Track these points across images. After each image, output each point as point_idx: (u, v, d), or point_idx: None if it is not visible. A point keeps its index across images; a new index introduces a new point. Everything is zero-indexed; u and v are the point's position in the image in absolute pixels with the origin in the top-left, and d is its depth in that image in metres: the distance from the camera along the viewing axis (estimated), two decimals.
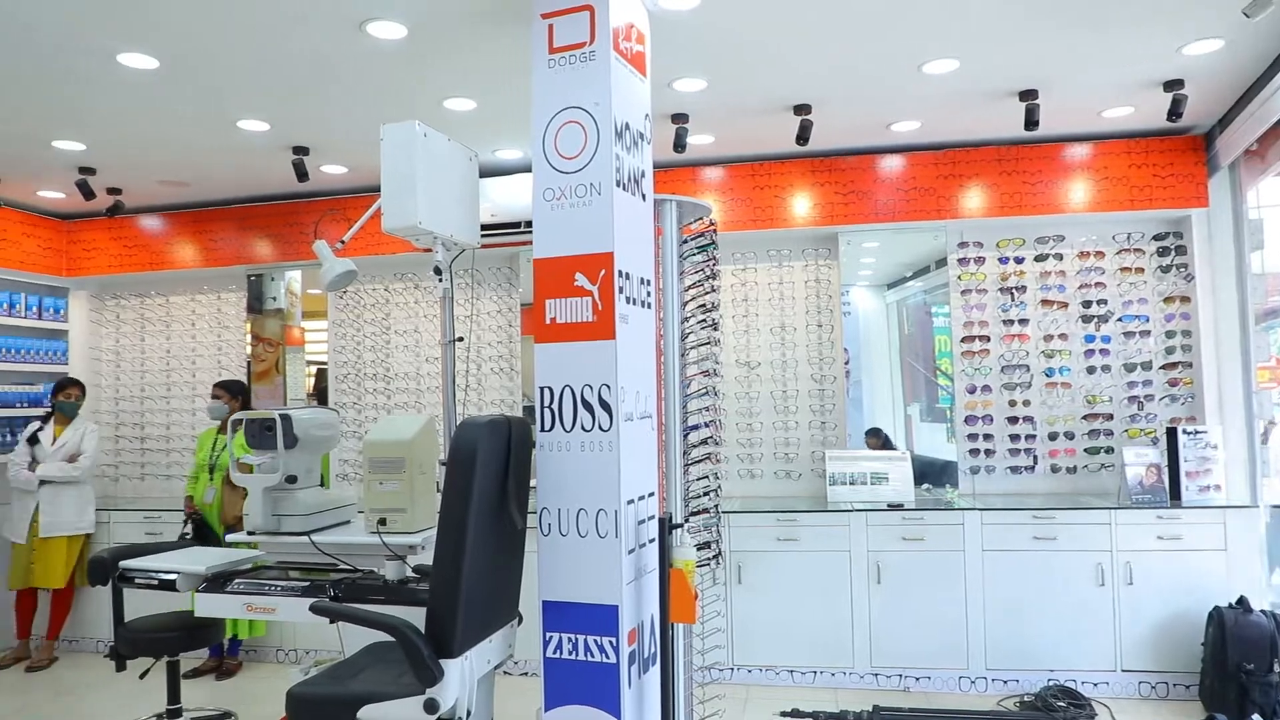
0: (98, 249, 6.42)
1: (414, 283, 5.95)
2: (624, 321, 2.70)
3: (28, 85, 4.00)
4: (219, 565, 3.28)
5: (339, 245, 3.17)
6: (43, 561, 5.42)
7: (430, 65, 3.85)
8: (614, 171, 2.72)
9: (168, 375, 6.48)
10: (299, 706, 2.50)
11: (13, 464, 5.49)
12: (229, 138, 4.78)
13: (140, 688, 4.43)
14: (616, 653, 2.63)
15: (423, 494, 3.05)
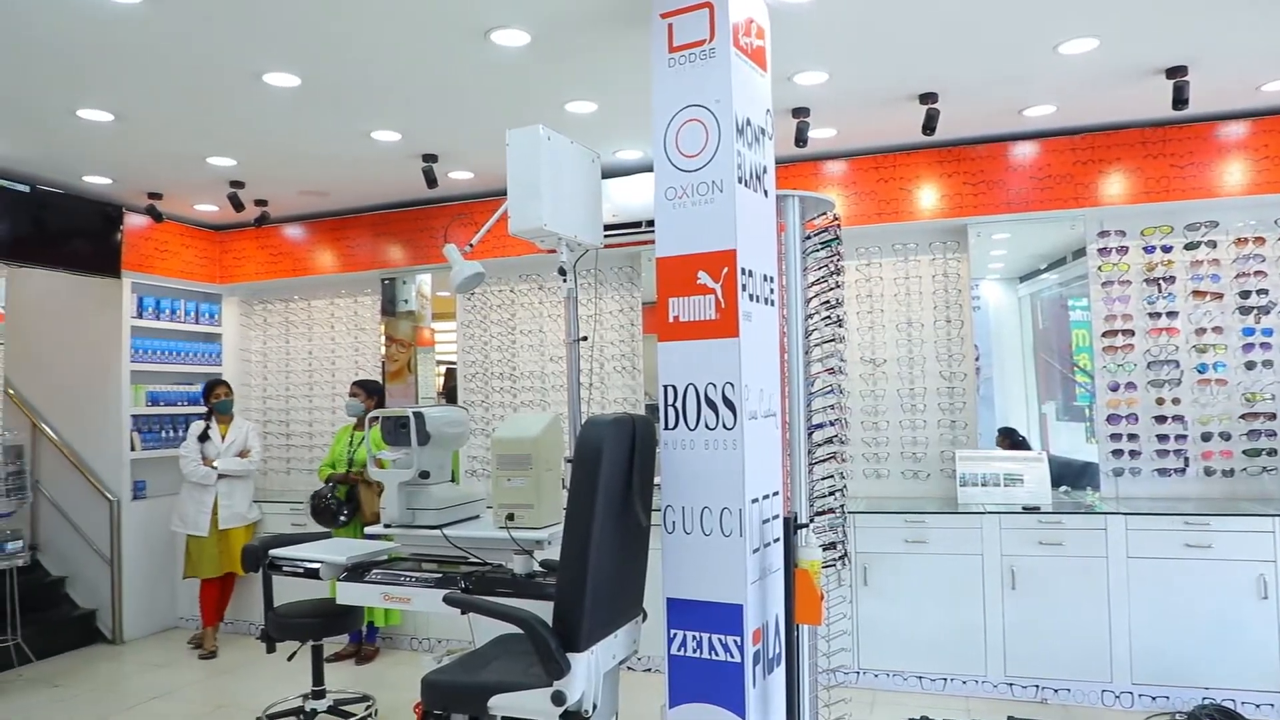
0: (246, 257, 6.84)
1: (538, 284, 6.08)
2: (747, 319, 2.68)
3: (186, 107, 4.30)
4: (358, 556, 3.44)
5: (467, 248, 3.27)
6: (226, 552, 5.81)
7: (552, 70, 3.92)
8: (735, 168, 2.70)
9: (310, 375, 6.85)
10: (433, 693, 2.60)
11: (187, 460, 5.82)
12: (363, 148, 5.01)
13: (288, 669, 4.70)
14: (741, 652, 2.61)
15: (549, 490, 3.11)
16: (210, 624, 5.87)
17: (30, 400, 6.43)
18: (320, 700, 4.30)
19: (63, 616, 6.15)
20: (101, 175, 5.51)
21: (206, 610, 5.87)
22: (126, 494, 6.13)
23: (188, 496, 5.87)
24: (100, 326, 6.21)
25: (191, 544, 5.83)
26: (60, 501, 6.40)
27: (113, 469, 6.14)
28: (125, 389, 6.14)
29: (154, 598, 6.31)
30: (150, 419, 6.35)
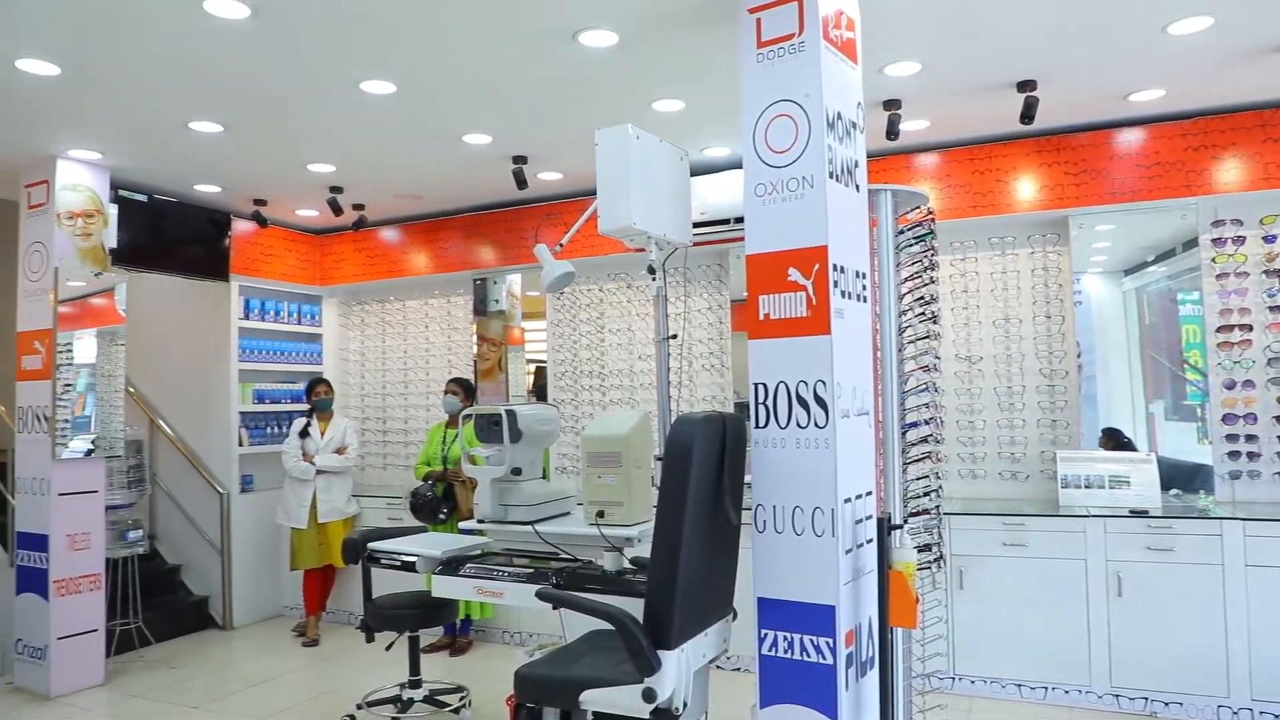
0: (345, 260, 7.08)
1: (626, 282, 6.12)
2: (839, 316, 2.64)
3: (289, 116, 4.48)
4: (453, 550, 3.52)
5: (557, 248, 3.31)
6: (325, 544, 6.03)
7: (639, 69, 3.93)
8: (826, 163, 2.66)
9: (405, 374, 7.04)
10: (526, 686, 2.64)
11: (289, 456, 6.08)
12: (456, 152, 5.12)
13: (386, 658, 4.85)
14: (834, 654, 2.58)
15: (639, 488, 3.12)
16: (312, 613, 6.09)
17: (148, 397, 6.80)
18: (417, 690, 4.42)
19: (179, 603, 6.48)
20: (211, 184, 5.78)
21: (309, 600, 6.11)
22: (235, 487, 6.42)
23: (289, 490, 6.12)
24: (210, 328, 6.52)
25: (294, 536, 6.07)
26: (175, 493, 6.75)
27: (222, 463, 6.44)
28: (234, 387, 6.43)
29: (260, 586, 6.58)
30: (256, 416, 6.64)
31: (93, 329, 5.33)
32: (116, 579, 5.68)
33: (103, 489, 5.34)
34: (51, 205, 5.15)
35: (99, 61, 3.75)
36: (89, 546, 5.20)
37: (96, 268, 5.32)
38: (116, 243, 5.49)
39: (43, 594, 5.02)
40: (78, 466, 5.17)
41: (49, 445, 5.07)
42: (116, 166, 5.36)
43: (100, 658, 5.23)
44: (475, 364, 6.61)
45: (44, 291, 5.16)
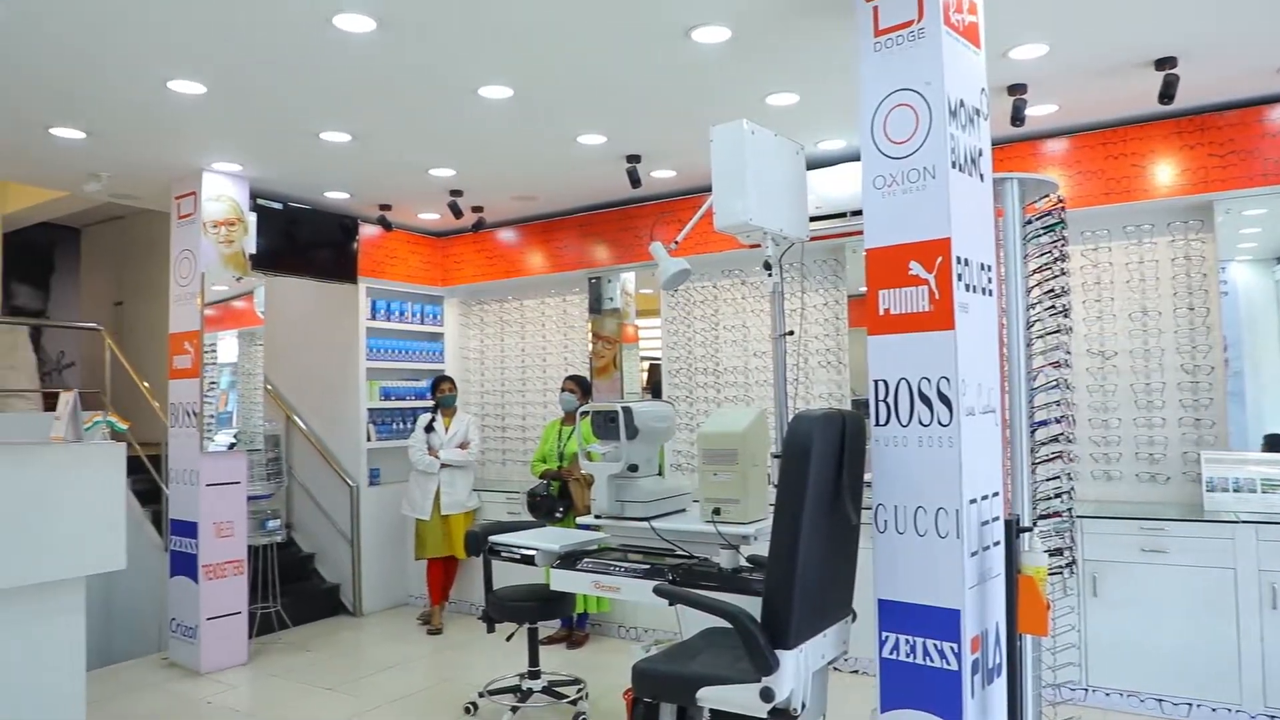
0: (465, 261, 7.29)
1: (740, 279, 6.08)
2: (963, 310, 2.56)
3: (412, 124, 4.65)
4: (570, 545, 3.58)
5: (673, 246, 3.32)
6: (448, 536, 6.25)
7: (752, 63, 3.90)
8: (949, 153, 2.58)
9: (523, 371, 7.21)
10: (644, 681, 2.66)
11: (415, 450, 6.31)
12: (570, 152, 5.20)
13: (506, 648, 4.98)
14: (959, 660, 2.50)
15: (755, 485, 3.10)
16: (436, 602, 6.31)
17: (284, 394, 7.18)
18: (536, 680, 4.52)
19: (313, 589, 6.83)
20: (340, 190, 6.05)
21: (433, 589, 6.33)
22: (364, 480, 6.72)
23: (414, 483, 6.34)
24: (340, 328, 6.83)
25: (418, 527, 6.30)
26: (309, 485, 7.11)
27: (352, 457, 6.75)
28: (362, 385, 6.72)
29: (387, 575, 6.86)
30: (383, 412, 6.92)
31: (234, 330, 5.66)
32: (257, 565, 6.03)
33: (245, 480, 5.68)
34: (198, 215, 5.50)
35: (240, 79, 3.99)
36: (233, 534, 5.54)
37: (238, 273, 5.65)
38: (255, 249, 5.82)
39: (193, 577, 5.38)
40: (222, 459, 5.51)
41: (198, 439, 5.42)
42: (255, 177, 5.69)
43: (243, 638, 5.57)
44: (590, 362, 6.70)
45: (192, 296, 5.52)
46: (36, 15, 3.31)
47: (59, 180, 5.83)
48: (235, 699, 4.91)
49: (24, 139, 4.78)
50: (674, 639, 3.28)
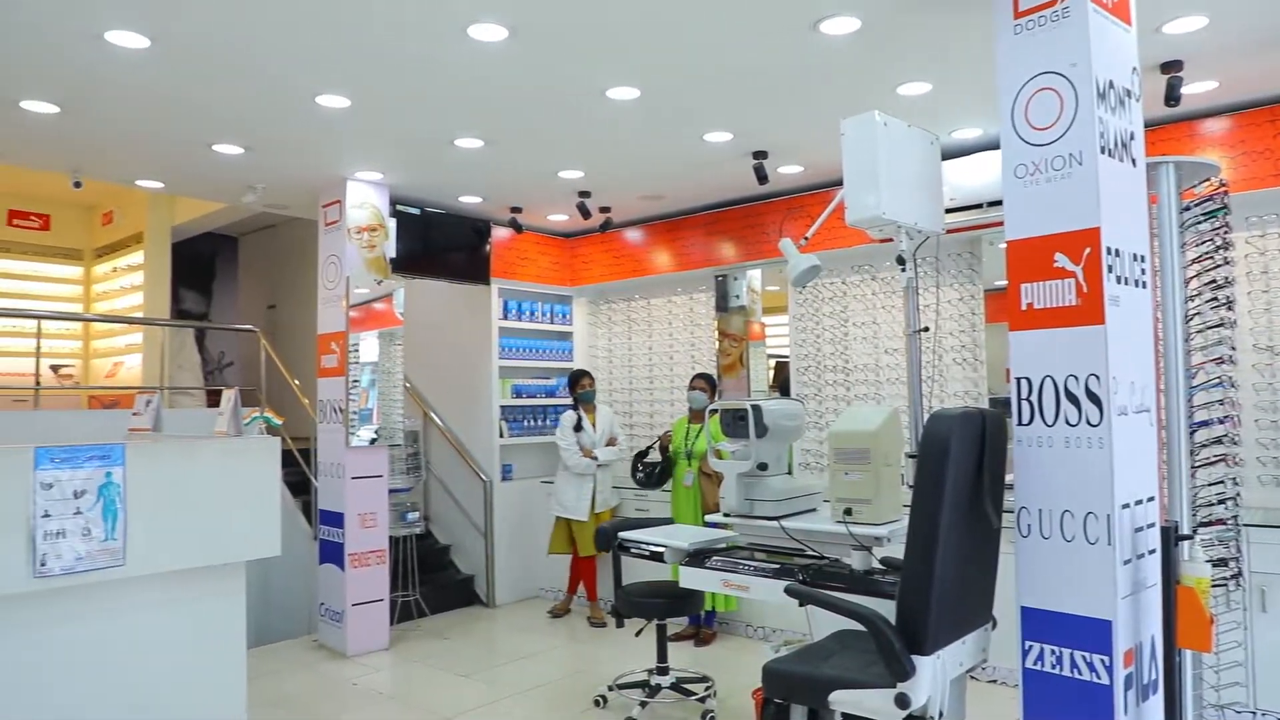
0: (593, 261, 7.41)
1: (871, 274, 5.94)
2: (1114, 304, 2.42)
3: (542, 127, 4.75)
4: (700, 542, 3.59)
5: (802, 242, 3.27)
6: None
7: (883, 53, 3.80)
8: (1097, 137, 2.45)
9: (650, 370, 7.26)
10: (775, 681, 2.64)
11: (570, 453, 6.30)
12: (697, 151, 5.21)
13: (634, 644, 5.03)
14: (1110, 673, 2.37)
15: (888, 486, 3.03)
16: (593, 598, 6.39)
17: (421, 392, 7.48)
18: (664, 676, 4.55)
19: (449, 579, 7.09)
20: (473, 195, 6.26)
21: (589, 584, 6.41)
22: (497, 475, 6.92)
23: (567, 484, 6.34)
24: (474, 328, 7.06)
25: (571, 526, 6.32)
26: (445, 480, 7.39)
27: (485, 453, 6.96)
28: (495, 383, 6.93)
29: (518, 569, 7.05)
30: (515, 410, 7.11)
31: (376, 331, 5.94)
32: (397, 555, 6.30)
33: (386, 474, 5.95)
34: (343, 222, 5.80)
35: (381, 92, 4.18)
36: (376, 525, 5.81)
37: (379, 276, 5.93)
38: (395, 253, 6.09)
39: (340, 565, 5.68)
40: (366, 453, 5.79)
41: (343, 434, 5.71)
42: (394, 184, 5.95)
43: (385, 624, 5.84)
44: (717, 360, 6.68)
45: (338, 299, 5.82)
46: (202, 42, 3.57)
47: (220, 193, 6.28)
48: (378, 681, 5.16)
49: (190, 156, 5.17)
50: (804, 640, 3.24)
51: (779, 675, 2.62)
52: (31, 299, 9.32)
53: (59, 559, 3.41)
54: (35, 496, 3.37)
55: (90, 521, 3.49)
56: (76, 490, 3.46)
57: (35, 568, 3.36)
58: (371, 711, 4.68)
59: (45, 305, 9.37)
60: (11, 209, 9.22)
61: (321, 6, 3.29)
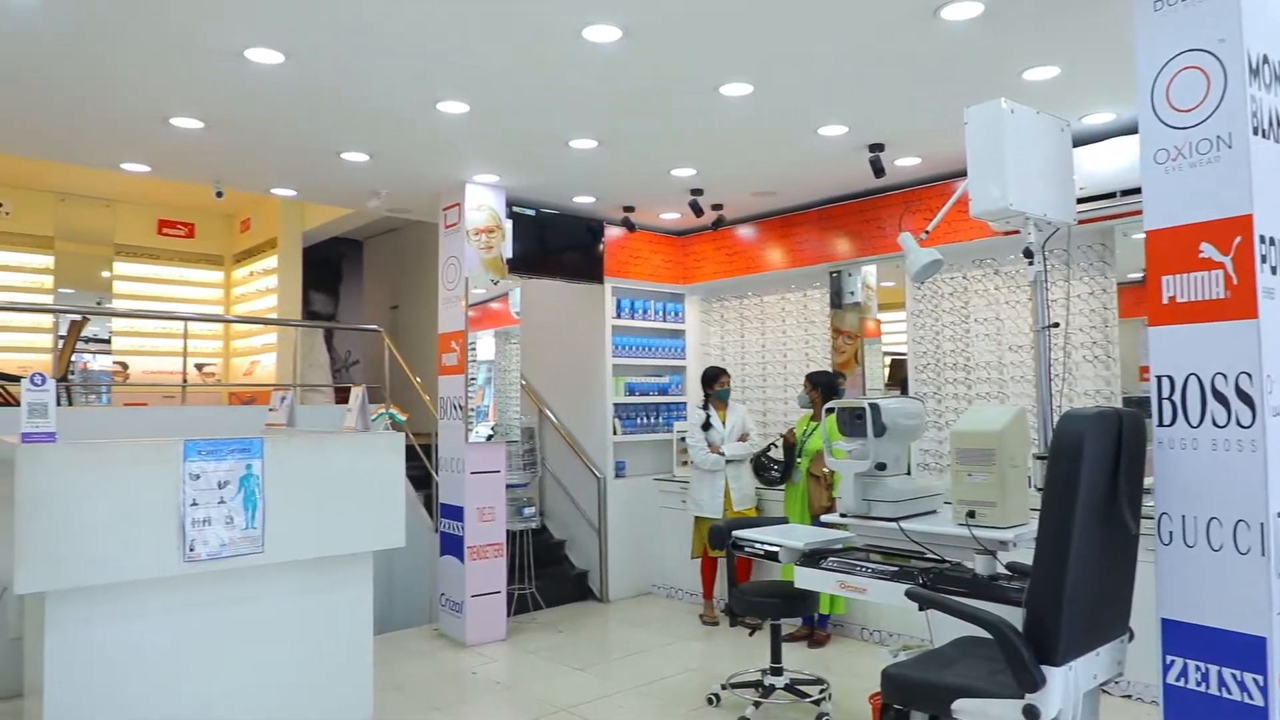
0: (705, 259, 7.40)
1: (994, 268, 5.71)
2: (1268, 297, 2.25)
3: (654, 126, 4.77)
4: (815, 543, 3.53)
5: (922, 236, 3.18)
6: None
7: (1008, 38, 3.65)
8: (1249, 117, 2.28)
9: (763, 368, 7.20)
10: (895, 686, 2.57)
11: (698, 451, 6.27)
12: (811, 145, 5.13)
13: (748, 644, 5.00)
14: (1264, 694, 2.21)
15: (1014, 488, 2.90)
16: (708, 596, 6.32)
17: (537, 389, 7.63)
18: (778, 677, 4.50)
19: (563, 574, 7.21)
20: (586, 195, 6.34)
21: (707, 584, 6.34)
22: (610, 472, 7.00)
23: (700, 482, 6.30)
24: (588, 326, 7.16)
25: (701, 525, 6.27)
26: (560, 476, 7.52)
27: (599, 450, 7.05)
28: (608, 381, 7.00)
29: (631, 565, 7.11)
30: (628, 407, 7.17)
31: (493, 330, 6.09)
32: (514, 549, 6.45)
33: (503, 469, 6.10)
34: (462, 224, 5.97)
35: (498, 96, 4.29)
36: (494, 519, 5.97)
37: (496, 276, 6.08)
38: (511, 253, 6.23)
39: (459, 557, 5.86)
40: (484, 449, 5.95)
41: (463, 430, 5.88)
42: (511, 186, 6.09)
43: (502, 616, 5.99)
44: (831, 357, 6.57)
45: (457, 299, 6.00)
46: (331, 56, 3.74)
47: (346, 198, 6.57)
48: (496, 671, 5.29)
49: (320, 164, 5.43)
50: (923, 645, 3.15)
51: (899, 681, 2.55)
52: (178, 302, 9.99)
53: (205, 545, 3.64)
54: (185, 486, 3.61)
55: (233, 510, 3.71)
56: (220, 481, 3.68)
57: (185, 553, 3.60)
58: (490, 700, 4.81)
59: (190, 308, 10.03)
60: (161, 219, 9.90)
61: (441, 17, 3.40)
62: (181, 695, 3.71)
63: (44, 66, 3.89)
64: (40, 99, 4.30)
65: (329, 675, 4.16)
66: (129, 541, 3.48)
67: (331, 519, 4.08)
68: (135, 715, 3.60)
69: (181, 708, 3.71)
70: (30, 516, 3.26)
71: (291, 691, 4.03)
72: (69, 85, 4.11)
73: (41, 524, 3.29)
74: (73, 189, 9.12)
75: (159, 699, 3.66)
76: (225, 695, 3.84)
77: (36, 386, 3.38)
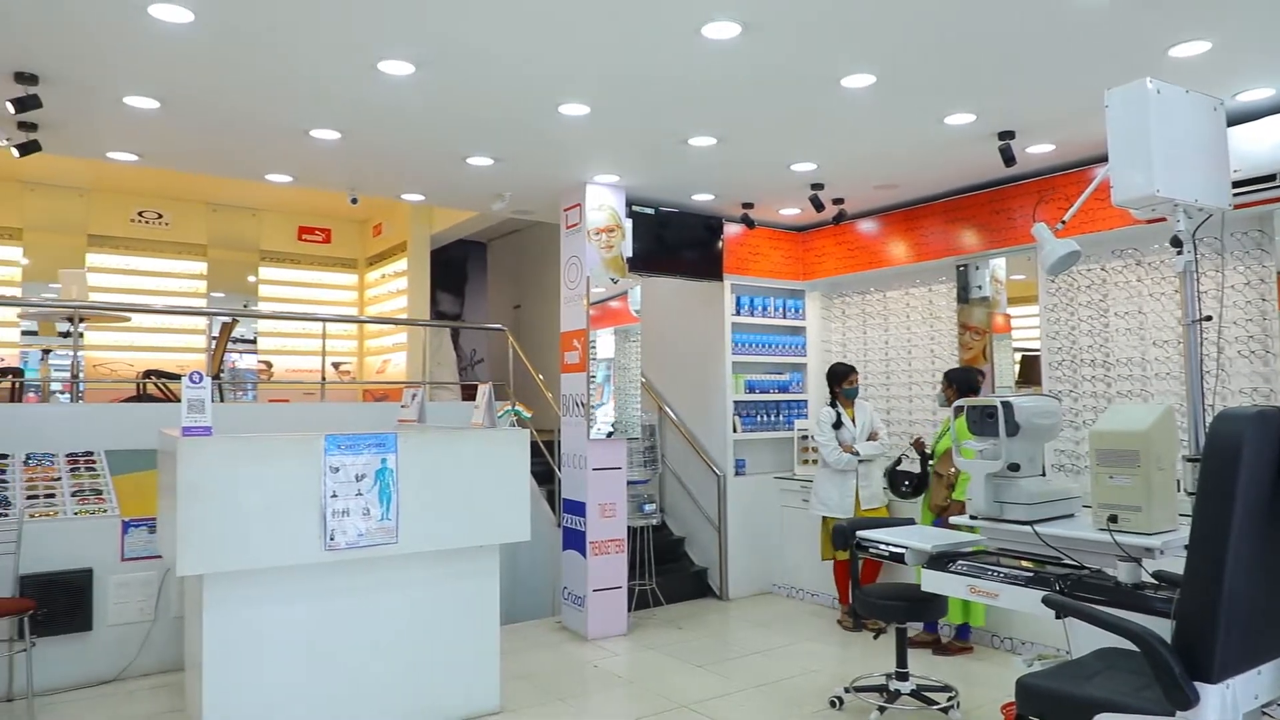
0: (826, 254, 7.28)
1: (1135, 259, 5.40)
2: None
3: (773, 121, 4.73)
4: (943, 545, 3.43)
5: (1059, 226, 3.04)
6: None
7: (1151, 12, 3.43)
8: None
9: (886, 364, 7.03)
10: (1031, 697, 2.46)
11: (830, 450, 6.12)
12: (936, 135, 4.97)
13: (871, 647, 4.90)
14: None
15: (1161, 492, 2.75)
16: (847, 602, 6.15)
17: (657, 387, 7.68)
18: (904, 682, 4.39)
19: (683, 570, 7.24)
20: (706, 192, 6.34)
21: (843, 587, 6.21)
22: (730, 470, 6.97)
23: (828, 482, 6.18)
24: (707, 324, 7.16)
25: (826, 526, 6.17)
26: (679, 473, 7.55)
27: (719, 447, 7.03)
28: (728, 378, 6.98)
29: (751, 563, 7.07)
30: (748, 405, 7.14)
31: (613, 328, 6.16)
32: (635, 545, 6.51)
33: (625, 466, 6.16)
34: (583, 224, 6.07)
35: (619, 97, 4.34)
36: (615, 515, 6.04)
37: (616, 275, 6.15)
38: (631, 252, 6.29)
39: (581, 552, 5.96)
40: (605, 445, 6.03)
41: (585, 427, 5.98)
42: (630, 185, 6.15)
43: (623, 611, 6.05)
44: (959, 354, 6.35)
45: (579, 298, 6.10)
46: (459, 65, 3.87)
47: (472, 202, 6.78)
48: (617, 665, 5.36)
49: (448, 170, 5.63)
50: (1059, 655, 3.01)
51: (1037, 692, 2.44)
52: (317, 304, 10.55)
53: (344, 535, 3.83)
54: (326, 479, 3.81)
55: (369, 502, 3.89)
56: (358, 474, 3.87)
57: (326, 541, 3.80)
58: (612, 693, 4.88)
59: (328, 310, 10.57)
60: (301, 225, 10.48)
61: (562, 20, 3.46)
62: (323, 674, 3.93)
63: (196, 88, 4.17)
64: (194, 118, 4.62)
65: (459, 662, 4.32)
66: (276, 529, 3.70)
67: (460, 512, 4.23)
68: (282, 691, 3.83)
69: (323, 685, 3.93)
70: (190, 504, 3.52)
71: (423, 676, 4.20)
72: (219, 104, 4.40)
73: (200, 511, 3.54)
74: (223, 199, 9.76)
75: (302, 677, 3.88)
76: (363, 676, 4.04)
77: (195, 384, 3.64)
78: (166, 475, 3.88)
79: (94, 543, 4.98)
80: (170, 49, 3.71)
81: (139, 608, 5.05)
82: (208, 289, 9.86)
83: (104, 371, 9.06)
